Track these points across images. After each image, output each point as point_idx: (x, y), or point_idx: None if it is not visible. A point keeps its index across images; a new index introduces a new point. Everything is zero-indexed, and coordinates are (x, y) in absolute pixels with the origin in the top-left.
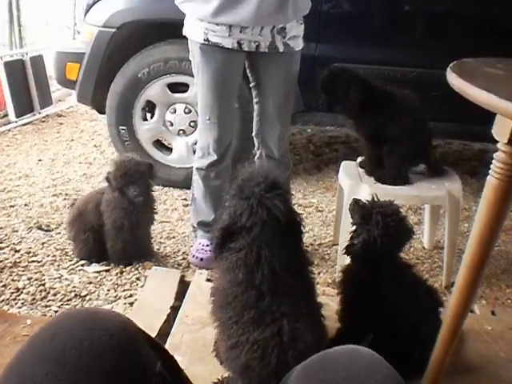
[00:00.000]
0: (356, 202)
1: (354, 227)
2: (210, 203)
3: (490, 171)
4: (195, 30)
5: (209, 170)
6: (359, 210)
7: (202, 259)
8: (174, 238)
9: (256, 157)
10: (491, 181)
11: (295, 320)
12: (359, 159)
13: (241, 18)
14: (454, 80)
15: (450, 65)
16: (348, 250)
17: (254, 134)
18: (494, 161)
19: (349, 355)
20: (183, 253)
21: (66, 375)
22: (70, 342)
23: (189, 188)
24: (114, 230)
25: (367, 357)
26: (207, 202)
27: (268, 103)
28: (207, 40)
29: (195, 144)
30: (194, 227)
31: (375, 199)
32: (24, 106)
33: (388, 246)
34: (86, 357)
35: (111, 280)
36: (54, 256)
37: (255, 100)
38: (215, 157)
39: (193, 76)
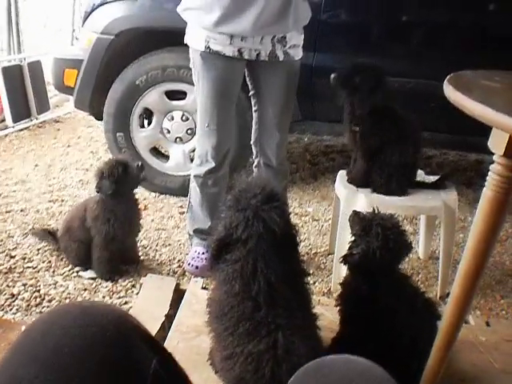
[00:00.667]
0: (356, 213)
1: (353, 238)
2: (206, 211)
3: (485, 183)
4: (196, 38)
5: (206, 178)
6: (359, 221)
7: (197, 267)
8: (169, 245)
9: (254, 165)
10: (487, 193)
11: (290, 333)
12: (346, 175)
13: (242, 28)
14: (450, 93)
15: (447, 77)
16: (345, 260)
17: (252, 142)
18: (490, 173)
19: (344, 361)
20: (179, 260)
21: (57, 375)
22: (61, 340)
23: (185, 196)
24: (104, 242)
25: (362, 363)
26: (204, 210)
27: (267, 111)
28: (208, 48)
29: (192, 152)
30: (190, 235)
31: (375, 211)
32: (21, 112)
33: (387, 258)
34: (78, 355)
35: (106, 287)
36: (50, 262)
37: (254, 108)
38: (213, 164)
39: (190, 84)
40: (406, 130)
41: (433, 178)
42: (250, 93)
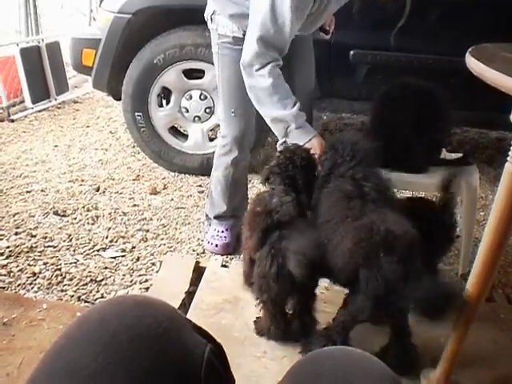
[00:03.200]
0: None
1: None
2: (226, 196)
3: (507, 158)
4: (222, 24)
5: (231, 167)
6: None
7: (217, 245)
8: (189, 224)
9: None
10: (509, 168)
11: None
12: None
13: None
14: (473, 64)
15: (469, 49)
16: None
17: None
18: (511, 147)
19: (340, 351)
20: (198, 239)
21: (116, 359)
22: (119, 327)
23: (204, 174)
24: None
25: (358, 353)
26: (224, 196)
27: (295, 81)
28: (233, 33)
29: (211, 130)
30: (207, 215)
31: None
32: (40, 93)
33: None
34: (136, 342)
35: (127, 265)
36: (70, 241)
37: None
38: (239, 152)
39: (208, 62)
40: (426, 107)
41: (454, 156)
42: None
